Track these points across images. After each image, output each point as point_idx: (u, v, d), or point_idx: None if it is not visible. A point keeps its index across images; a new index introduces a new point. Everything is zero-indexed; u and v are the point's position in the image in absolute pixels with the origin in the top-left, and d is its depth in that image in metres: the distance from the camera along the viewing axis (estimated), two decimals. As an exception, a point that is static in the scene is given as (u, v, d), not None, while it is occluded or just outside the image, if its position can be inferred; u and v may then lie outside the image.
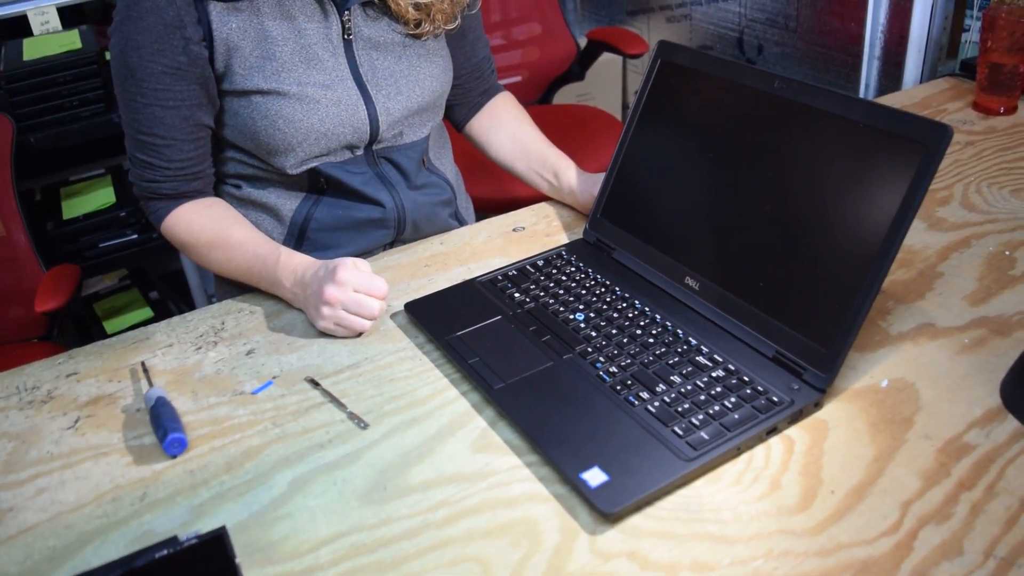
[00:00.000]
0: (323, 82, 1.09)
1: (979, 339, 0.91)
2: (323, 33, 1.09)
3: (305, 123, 1.08)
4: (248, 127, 1.08)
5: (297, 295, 1.04)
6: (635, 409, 0.82)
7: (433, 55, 1.19)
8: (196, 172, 1.11)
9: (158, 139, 1.06)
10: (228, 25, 1.03)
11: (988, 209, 1.16)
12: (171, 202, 1.11)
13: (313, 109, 1.08)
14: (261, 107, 1.07)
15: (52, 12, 2.17)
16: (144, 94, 1.04)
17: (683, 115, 1.03)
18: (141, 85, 1.03)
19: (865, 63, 1.94)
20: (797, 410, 0.80)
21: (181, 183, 1.10)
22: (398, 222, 1.20)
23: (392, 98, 1.14)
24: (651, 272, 1.03)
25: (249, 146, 1.11)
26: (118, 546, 0.74)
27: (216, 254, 1.11)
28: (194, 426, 0.87)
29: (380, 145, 1.16)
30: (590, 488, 0.73)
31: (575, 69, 2.50)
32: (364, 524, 0.74)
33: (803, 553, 0.68)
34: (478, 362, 0.91)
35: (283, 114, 1.07)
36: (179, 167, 1.09)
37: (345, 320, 0.98)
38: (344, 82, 1.10)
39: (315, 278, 1.00)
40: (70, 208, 2.20)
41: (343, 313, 0.97)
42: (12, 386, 0.96)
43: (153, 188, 1.10)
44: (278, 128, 1.07)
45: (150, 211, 1.13)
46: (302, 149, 1.09)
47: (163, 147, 1.07)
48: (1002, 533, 0.68)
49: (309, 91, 1.07)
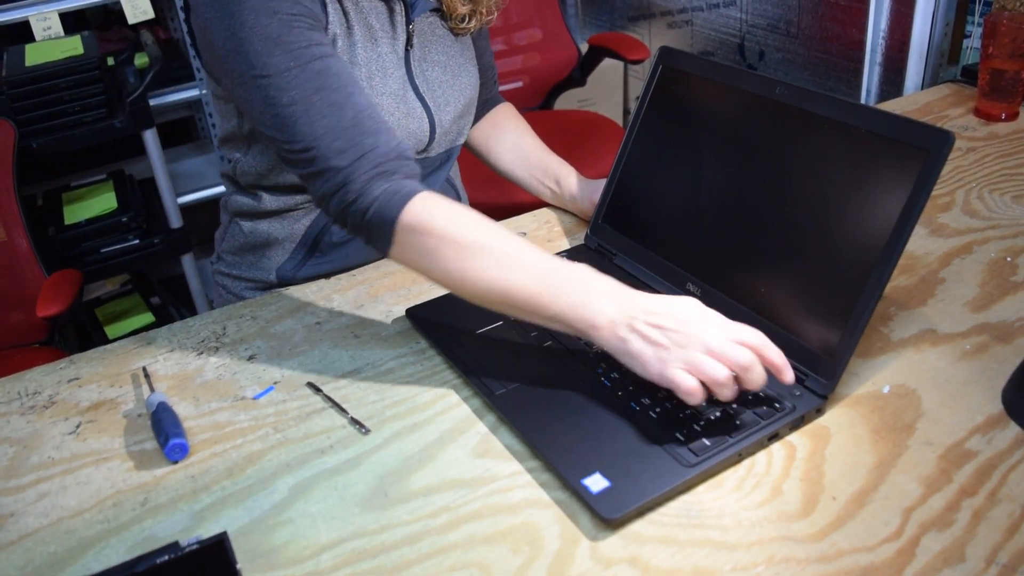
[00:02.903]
0: (395, 92, 1.07)
1: (981, 345, 0.90)
2: (391, 44, 1.08)
3: None
4: None
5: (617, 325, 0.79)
6: (636, 415, 0.82)
7: (469, 63, 1.19)
8: (389, 124, 0.94)
9: (331, 92, 0.89)
10: (331, 19, 1.00)
11: (990, 215, 1.16)
12: (401, 182, 0.89)
13: (389, 121, 1.05)
14: None
15: (54, 17, 2.18)
16: (297, 55, 0.90)
17: (684, 121, 1.03)
18: (291, 48, 0.90)
19: (866, 69, 1.94)
20: (799, 416, 0.80)
21: (384, 142, 0.90)
22: None
23: (443, 109, 1.14)
24: (652, 278, 1.03)
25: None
26: (119, 551, 0.74)
27: (487, 260, 0.84)
28: (195, 431, 0.87)
29: (422, 156, 1.16)
30: (591, 494, 0.73)
31: (576, 75, 2.50)
32: (365, 529, 0.74)
33: (804, 559, 0.68)
34: (479, 367, 0.91)
35: None
36: (369, 115, 0.91)
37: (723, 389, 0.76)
38: (408, 93, 1.09)
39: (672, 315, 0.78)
40: (72, 213, 2.21)
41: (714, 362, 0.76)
42: (13, 391, 0.96)
43: (368, 162, 0.88)
44: None
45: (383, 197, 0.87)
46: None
47: (341, 101, 0.89)
48: (1004, 540, 0.68)
49: (385, 102, 1.06)
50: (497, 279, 0.84)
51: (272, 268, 1.19)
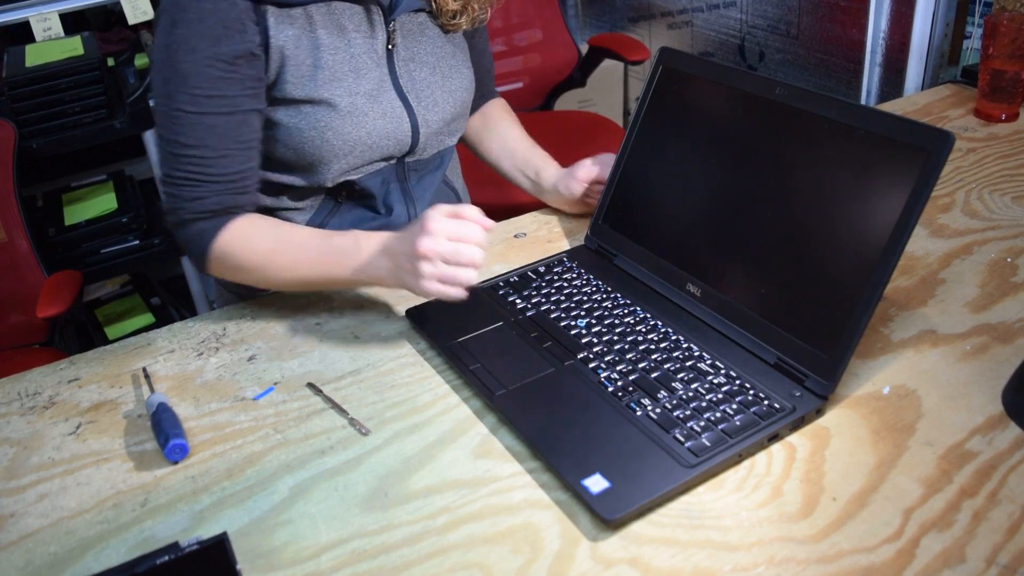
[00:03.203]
0: (370, 92, 1.08)
1: (981, 346, 0.91)
2: (369, 44, 1.08)
3: (353, 135, 1.06)
4: (294, 138, 1.05)
5: (392, 270, 0.95)
6: (637, 415, 0.82)
7: (462, 65, 1.19)
8: (246, 186, 1.04)
9: (208, 151, 1.00)
10: (283, 33, 1.01)
11: (990, 216, 1.16)
12: (219, 219, 1.02)
13: (361, 121, 1.07)
14: (310, 118, 1.04)
15: (54, 18, 2.18)
16: (197, 102, 0.98)
17: (685, 121, 1.03)
18: (194, 92, 0.97)
19: (866, 70, 1.94)
20: (799, 417, 0.80)
21: (227, 197, 1.02)
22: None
23: (430, 109, 1.14)
24: (653, 278, 1.03)
25: (291, 158, 1.08)
26: (119, 552, 0.74)
27: (281, 259, 1.02)
28: (195, 432, 0.87)
29: (412, 157, 1.16)
30: (592, 495, 0.73)
31: (576, 75, 2.50)
32: (365, 530, 0.74)
33: (805, 560, 0.68)
34: (479, 368, 0.91)
35: (332, 125, 1.05)
36: (228, 179, 1.02)
37: (448, 274, 0.90)
38: (388, 93, 1.10)
39: (402, 240, 0.94)
40: (72, 214, 2.21)
41: (444, 267, 0.90)
42: (14, 392, 0.96)
43: (196, 207, 1.01)
44: (326, 140, 1.05)
45: (192, 236, 1.03)
46: (346, 161, 1.08)
47: (214, 159, 1.00)
48: (1004, 540, 0.68)
49: (358, 102, 1.06)
50: (292, 274, 1.02)
51: None
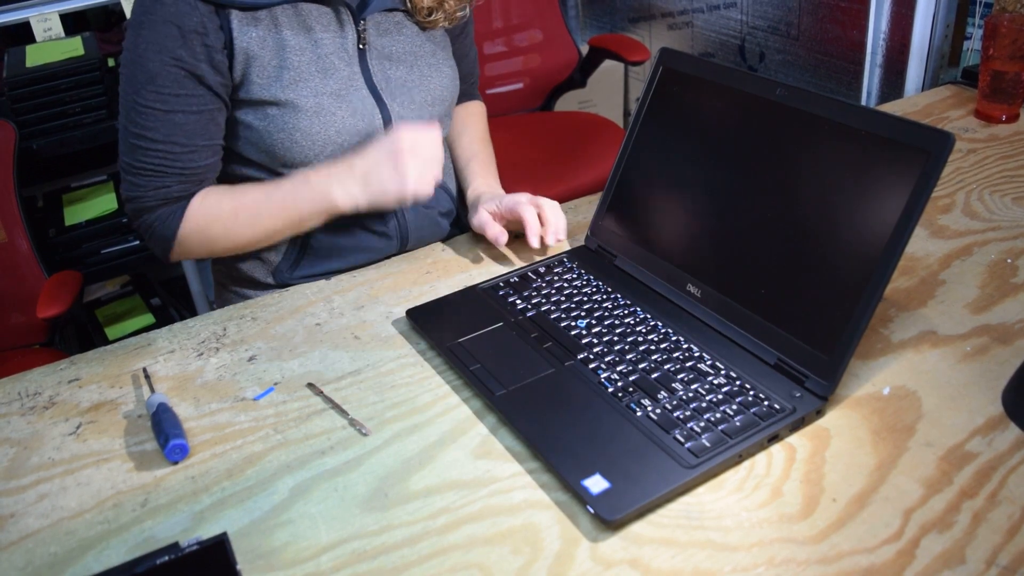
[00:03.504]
0: (338, 91, 1.08)
1: (981, 347, 0.91)
2: (338, 43, 1.09)
3: (322, 135, 1.08)
4: (264, 140, 1.08)
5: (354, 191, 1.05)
6: (637, 416, 0.82)
7: (443, 64, 1.19)
8: (208, 177, 1.10)
9: (176, 146, 1.04)
10: (248, 35, 1.03)
11: (990, 217, 1.16)
12: (181, 203, 1.08)
13: (330, 121, 1.08)
14: (278, 119, 1.06)
15: (55, 19, 2.18)
16: (165, 100, 1.01)
17: (685, 122, 1.03)
18: (162, 91, 1.01)
19: (867, 71, 1.94)
20: (799, 418, 0.80)
21: (192, 185, 1.08)
22: (400, 235, 1.20)
23: (406, 107, 1.14)
24: (653, 279, 1.03)
25: (263, 159, 1.10)
26: (119, 552, 0.74)
27: (243, 217, 1.08)
28: (195, 432, 0.87)
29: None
30: (591, 495, 0.73)
31: (577, 76, 2.50)
32: (365, 531, 0.74)
33: (805, 561, 0.68)
34: (479, 369, 0.91)
35: (300, 127, 1.06)
36: (194, 173, 1.07)
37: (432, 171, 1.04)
38: (359, 92, 1.10)
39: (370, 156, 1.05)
40: (72, 214, 2.21)
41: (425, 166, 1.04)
42: (14, 392, 0.96)
43: (160, 195, 1.06)
44: (295, 141, 1.07)
45: (157, 221, 1.08)
46: (318, 161, 1.09)
47: (182, 154, 1.04)
48: (1004, 542, 0.68)
49: (325, 102, 1.07)
50: (258, 227, 1.09)
51: (268, 270, 1.19)
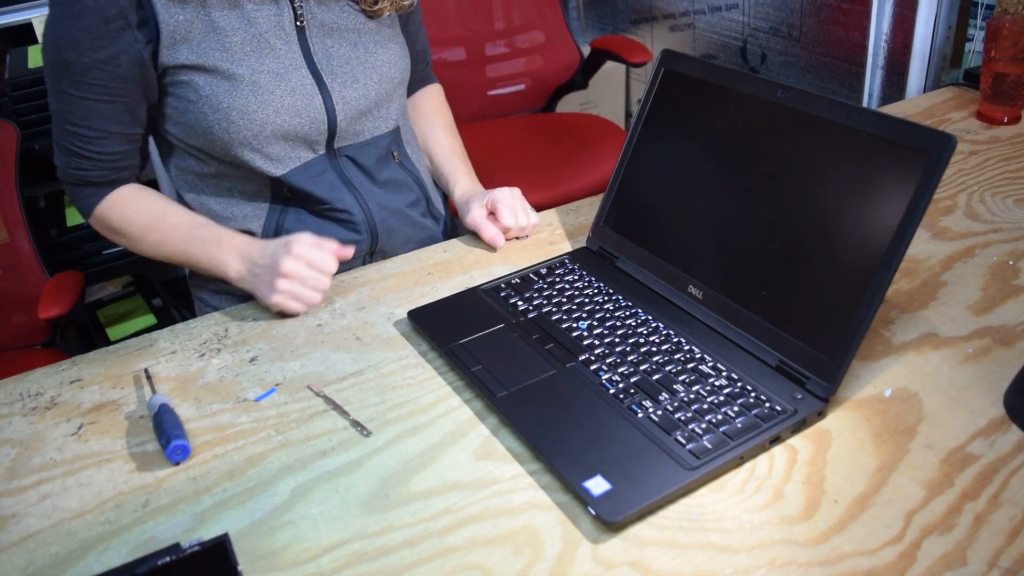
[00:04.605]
0: (276, 70, 1.06)
1: (982, 349, 0.90)
2: (274, 20, 1.06)
3: (260, 115, 1.05)
4: (201, 123, 1.05)
5: (243, 274, 1.06)
6: (638, 417, 0.82)
7: (389, 41, 1.16)
8: (124, 165, 1.11)
9: (90, 131, 1.05)
10: (175, 17, 1.01)
11: (992, 219, 1.16)
12: (102, 188, 1.11)
13: (268, 100, 1.05)
14: (212, 100, 1.03)
15: (58, 20, 2.18)
16: (79, 87, 1.02)
17: (686, 124, 1.03)
18: (76, 79, 1.01)
19: (868, 72, 1.94)
20: (800, 419, 0.80)
21: (110, 172, 1.10)
22: (370, 228, 1.18)
23: (348, 86, 1.11)
24: (654, 281, 1.03)
25: (203, 144, 1.08)
26: (120, 553, 0.74)
27: (152, 236, 1.11)
28: (197, 433, 0.87)
29: (342, 142, 1.14)
30: (593, 497, 0.73)
31: (578, 77, 2.50)
32: (366, 532, 0.74)
33: (806, 563, 0.68)
34: (481, 370, 0.91)
35: (236, 106, 1.04)
36: (108, 159, 1.08)
37: (298, 292, 1.02)
38: (298, 71, 1.07)
39: (264, 254, 1.04)
40: (74, 215, 2.21)
41: (299, 288, 1.02)
42: (15, 392, 0.96)
43: (81, 175, 1.09)
44: (232, 121, 1.04)
45: (78, 197, 1.12)
46: (258, 142, 1.06)
47: (95, 139, 1.06)
48: (1006, 544, 0.68)
49: (262, 80, 1.04)
50: (160, 250, 1.12)
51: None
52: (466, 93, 2.43)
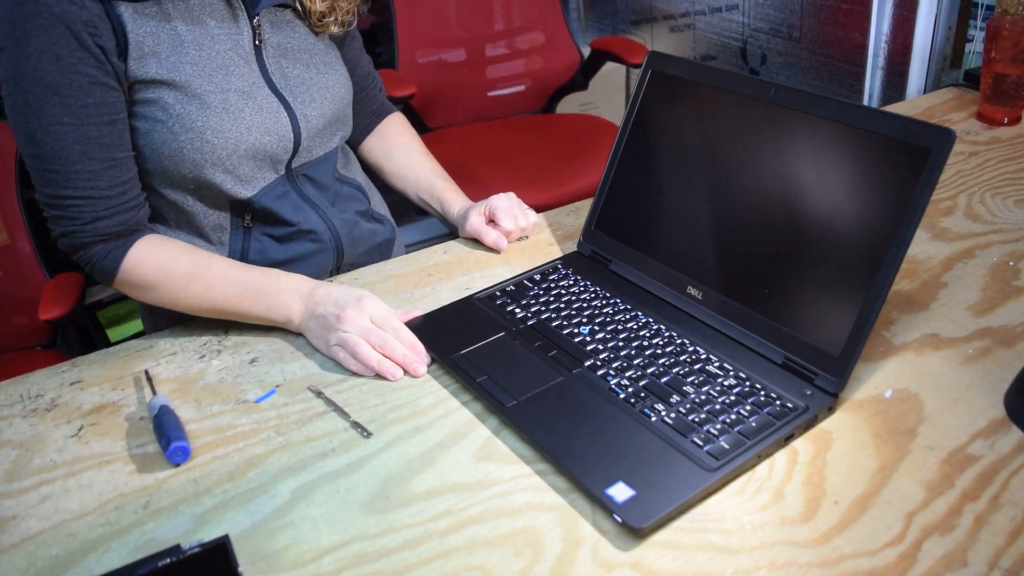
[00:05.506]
0: (241, 88, 1.04)
1: (983, 350, 0.90)
2: (234, 39, 1.05)
3: (233, 133, 1.03)
4: (169, 143, 1.01)
5: (303, 313, 1.00)
6: (652, 421, 0.81)
7: (335, 63, 1.16)
8: (137, 197, 1.02)
9: (95, 163, 0.96)
10: (142, 29, 0.97)
11: (992, 219, 1.16)
12: (124, 240, 1.00)
13: (239, 118, 1.03)
14: (185, 120, 1.00)
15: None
16: (73, 113, 0.93)
17: (676, 125, 1.03)
18: (68, 103, 0.93)
19: (869, 73, 1.94)
20: (812, 416, 0.80)
21: (128, 214, 1.00)
22: (335, 244, 1.17)
23: (308, 105, 1.10)
24: (651, 283, 1.02)
25: (169, 166, 1.03)
26: (121, 554, 0.74)
27: (197, 285, 1.00)
28: (197, 434, 0.87)
29: (299, 161, 1.12)
30: (617, 504, 0.72)
31: (578, 78, 2.50)
32: (367, 533, 0.74)
33: (807, 564, 0.68)
34: (486, 380, 0.89)
35: (211, 125, 1.01)
36: (121, 192, 0.99)
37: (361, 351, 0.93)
38: (261, 90, 1.06)
39: (330, 299, 0.98)
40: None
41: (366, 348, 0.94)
42: (16, 394, 0.96)
43: (99, 228, 0.98)
44: (207, 140, 1.01)
45: (98, 257, 0.99)
46: (231, 162, 1.04)
47: (103, 171, 0.97)
48: (1006, 545, 0.68)
49: (231, 99, 1.03)
50: (205, 301, 1.01)
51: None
52: (466, 94, 2.43)
